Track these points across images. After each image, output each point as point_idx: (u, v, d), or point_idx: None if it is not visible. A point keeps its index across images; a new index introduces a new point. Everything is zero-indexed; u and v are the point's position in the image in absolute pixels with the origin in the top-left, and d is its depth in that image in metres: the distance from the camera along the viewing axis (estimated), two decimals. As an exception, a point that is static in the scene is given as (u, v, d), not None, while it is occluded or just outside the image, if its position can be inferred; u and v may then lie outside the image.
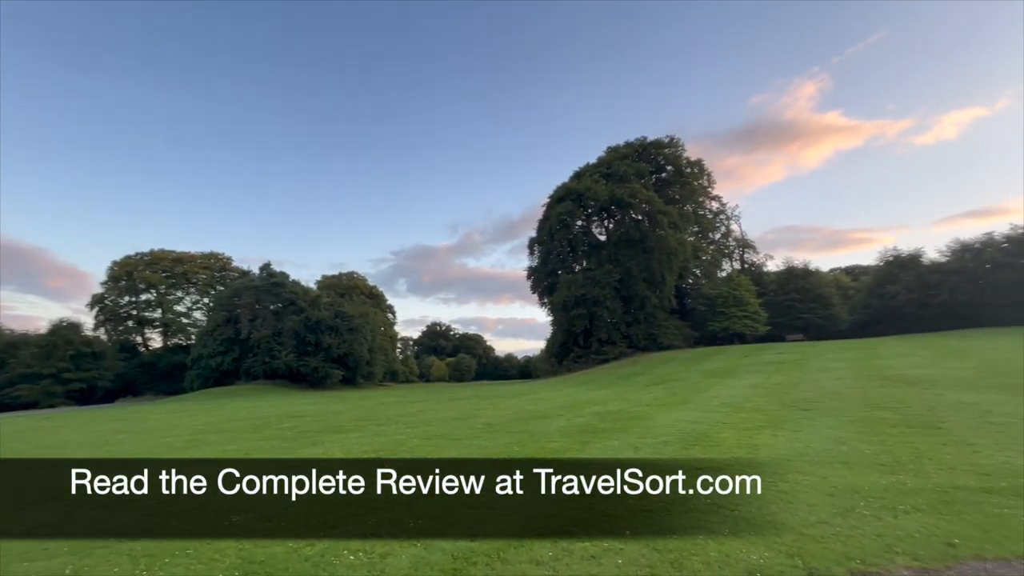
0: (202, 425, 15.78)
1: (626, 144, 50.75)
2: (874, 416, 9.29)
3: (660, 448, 8.11)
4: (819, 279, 50.89)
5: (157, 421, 18.35)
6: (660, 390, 18.41)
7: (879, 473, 5.68)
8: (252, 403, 27.98)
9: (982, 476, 5.27)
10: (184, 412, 22.57)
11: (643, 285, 42.83)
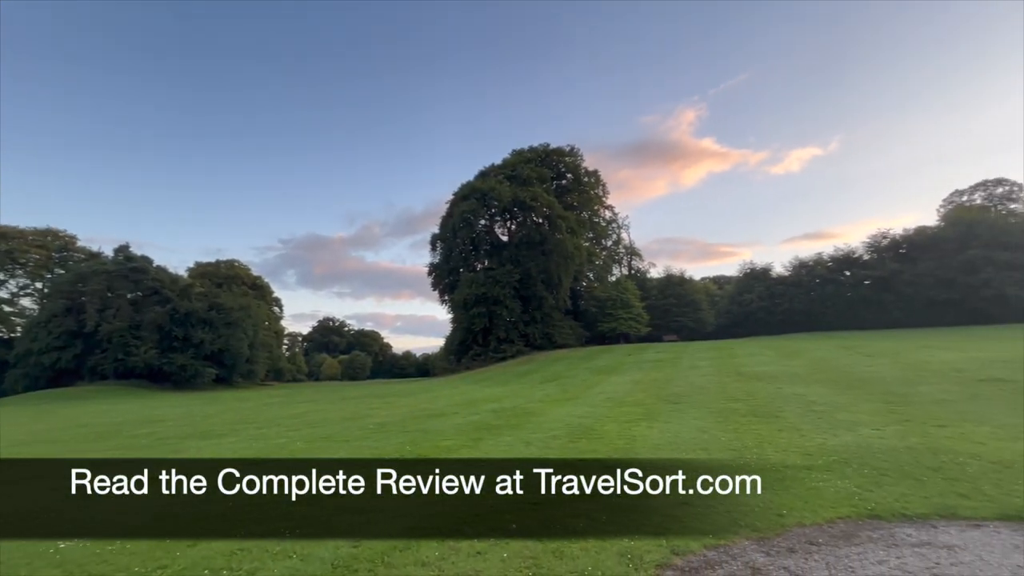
0: (26, 435, 13.18)
1: (530, 149, 52.28)
2: (730, 407, 10.62)
3: (550, 442, 8.48)
4: (692, 286, 56.98)
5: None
6: (553, 387, 19.26)
7: (730, 456, 6.50)
8: (99, 407, 24.00)
9: (806, 456, 6.29)
10: (2, 418, 18.63)
11: (541, 286, 44.46)
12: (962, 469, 5.27)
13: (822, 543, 3.63)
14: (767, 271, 52.91)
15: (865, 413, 8.84)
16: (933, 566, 3.20)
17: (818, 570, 3.16)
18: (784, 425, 8.45)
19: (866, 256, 46.84)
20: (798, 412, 9.46)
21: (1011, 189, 50.29)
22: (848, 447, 6.58)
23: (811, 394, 11.23)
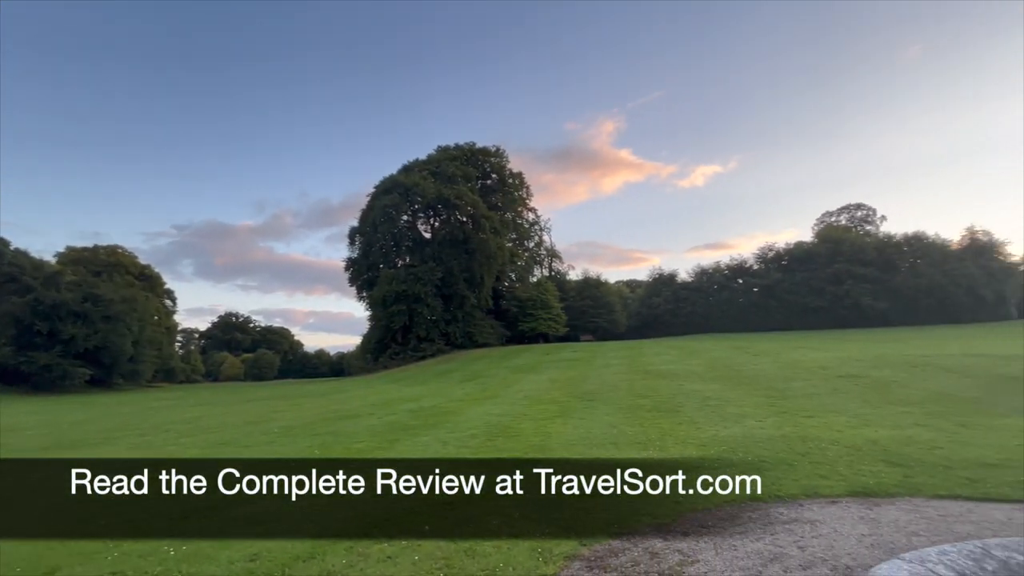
0: None
1: (456, 147, 51.94)
2: (637, 404, 11.33)
3: (467, 441, 8.50)
4: (607, 289, 59.94)
5: None
6: (472, 386, 19.30)
7: (636, 450, 6.95)
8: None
9: (701, 447, 6.89)
10: None
11: (464, 285, 44.34)
12: (823, 454, 6.08)
13: (711, 525, 4.00)
14: (673, 277, 57.17)
15: (750, 406, 9.87)
16: (799, 539, 3.66)
17: (707, 551, 3.48)
18: (683, 419, 9.19)
19: (755, 266, 52.37)
20: (695, 407, 10.33)
21: (868, 213, 58.91)
22: (736, 438, 7.30)
23: (707, 390, 12.31)
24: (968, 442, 6.24)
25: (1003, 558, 2.93)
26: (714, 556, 3.36)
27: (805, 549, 3.45)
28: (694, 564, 3.24)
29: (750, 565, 3.19)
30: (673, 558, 3.35)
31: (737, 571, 3.11)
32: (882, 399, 9.66)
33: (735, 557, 3.33)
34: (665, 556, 3.38)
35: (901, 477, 5.04)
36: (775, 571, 3.11)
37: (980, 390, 9.70)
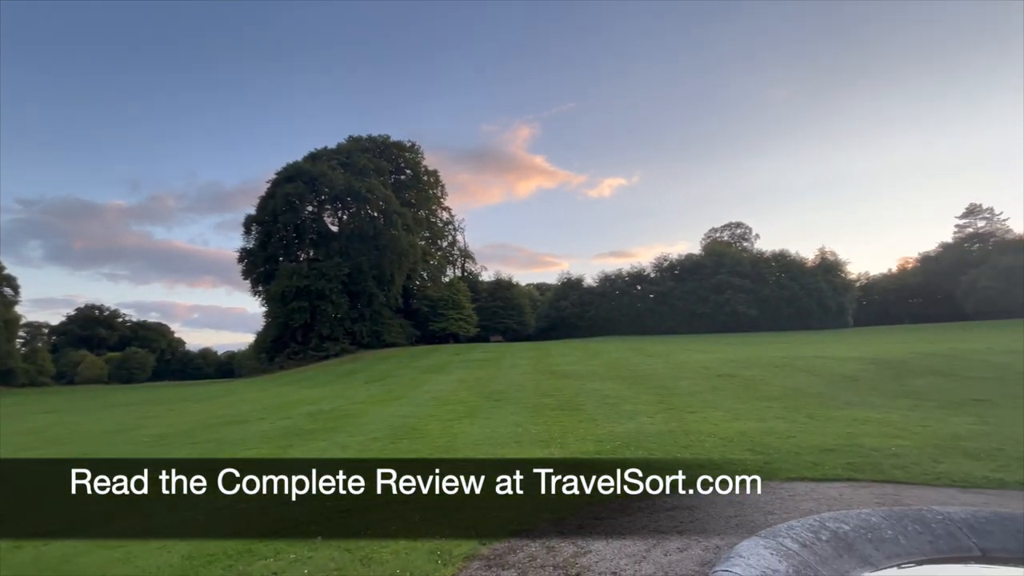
0: None
1: (369, 138, 49.95)
2: (542, 403, 11.71)
3: (369, 444, 8.21)
4: (518, 291, 61.30)
5: None
6: (378, 387, 18.64)
7: (539, 448, 7.19)
8: None
9: (599, 443, 7.30)
10: None
11: (372, 282, 42.72)
12: (702, 445, 6.76)
13: (604, 517, 4.26)
14: (580, 282, 59.99)
15: (643, 404, 10.66)
16: (678, 524, 4.03)
17: (599, 541, 3.70)
18: (584, 417, 9.67)
19: (652, 274, 56.74)
20: (595, 405, 10.93)
21: (746, 231, 66.63)
22: (630, 433, 7.85)
23: (606, 389, 13.08)
24: (814, 431, 7.30)
25: (834, 528, 3.47)
26: (605, 546, 3.58)
27: (683, 533, 3.81)
28: (587, 554, 3.43)
29: (636, 551, 3.44)
30: (568, 550, 3.51)
31: (624, 557, 3.35)
32: (751, 395, 10.97)
33: (623, 545, 3.58)
34: (561, 549, 3.54)
35: (761, 463, 5.75)
36: (657, 554, 3.40)
37: (824, 386, 11.42)
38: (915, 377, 11.61)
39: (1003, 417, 7.60)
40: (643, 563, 3.25)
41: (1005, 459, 5.42)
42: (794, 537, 3.33)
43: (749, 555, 3.01)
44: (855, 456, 5.84)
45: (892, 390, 10.59)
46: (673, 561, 3.27)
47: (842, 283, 53.92)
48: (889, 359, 14.29)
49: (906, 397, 9.82)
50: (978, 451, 5.77)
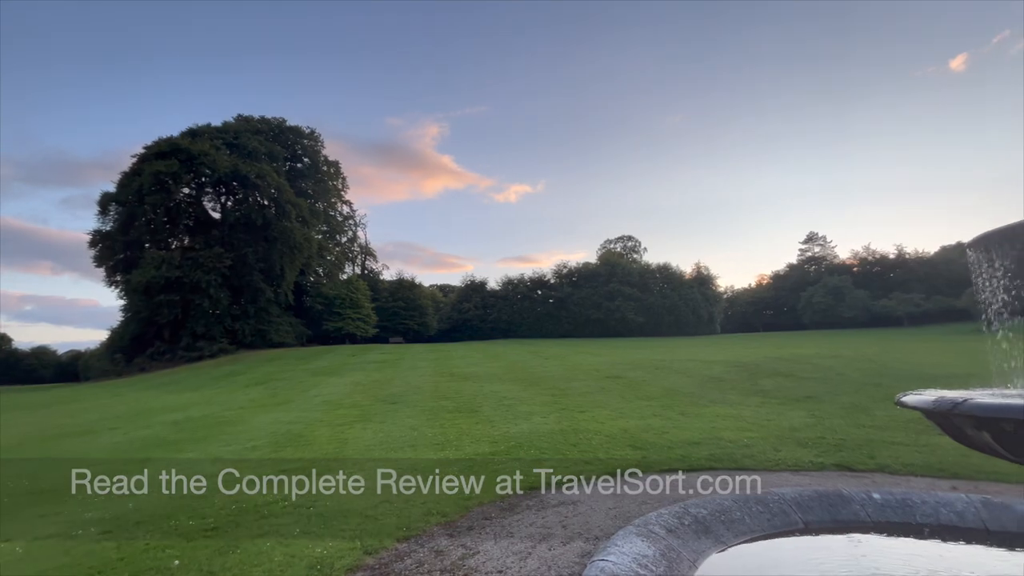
0: None
1: (262, 119, 45.85)
2: (440, 405, 11.61)
3: (247, 454, 7.52)
4: (421, 292, 60.20)
5: None
6: (261, 390, 17.11)
7: (434, 451, 7.12)
8: None
9: (493, 444, 7.43)
10: None
11: (259, 276, 39.18)
12: (589, 443, 7.19)
13: (494, 516, 4.34)
14: (484, 285, 60.57)
15: (538, 404, 11.06)
16: (564, 519, 4.25)
17: (487, 541, 3.77)
18: (481, 418, 9.77)
19: (552, 280, 59.17)
20: (493, 406, 11.10)
21: (636, 244, 72.40)
22: (524, 433, 8.09)
23: (504, 391, 13.35)
24: (684, 427, 8.14)
25: (695, 514, 3.90)
26: (493, 545, 3.66)
27: (567, 527, 4.02)
28: (475, 556, 3.47)
29: (523, 548, 3.57)
30: (457, 553, 3.53)
31: (511, 556, 3.45)
32: (634, 395, 11.92)
33: (511, 543, 3.68)
34: (449, 552, 3.55)
35: (640, 458, 6.28)
36: (542, 550, 3.55)
37: (695, 387, 12.79)
38: (764, 378, 13.48)
39: (826, 411, 9.13)
40: (528, 559, 3.38)
41: (826, 446, 6.51)
42: (662, 524, 3.69)
43: (623, 543, 3.28)
44: (716, 448, 6.61)
45: (746, 389, 12.18)
46: (556, 555, 3.44)
47: (713, 295, 60.90)
48: (745, 362, 16.42)
49: (757, 395, 11.35)
50: (807, 440, 6.86)
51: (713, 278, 61.99)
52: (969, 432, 2.13)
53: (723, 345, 32.74)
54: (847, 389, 11.53)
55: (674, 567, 3.17)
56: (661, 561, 3.13)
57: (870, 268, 66.34)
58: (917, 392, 2.45)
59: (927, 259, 61.39)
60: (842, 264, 68.86)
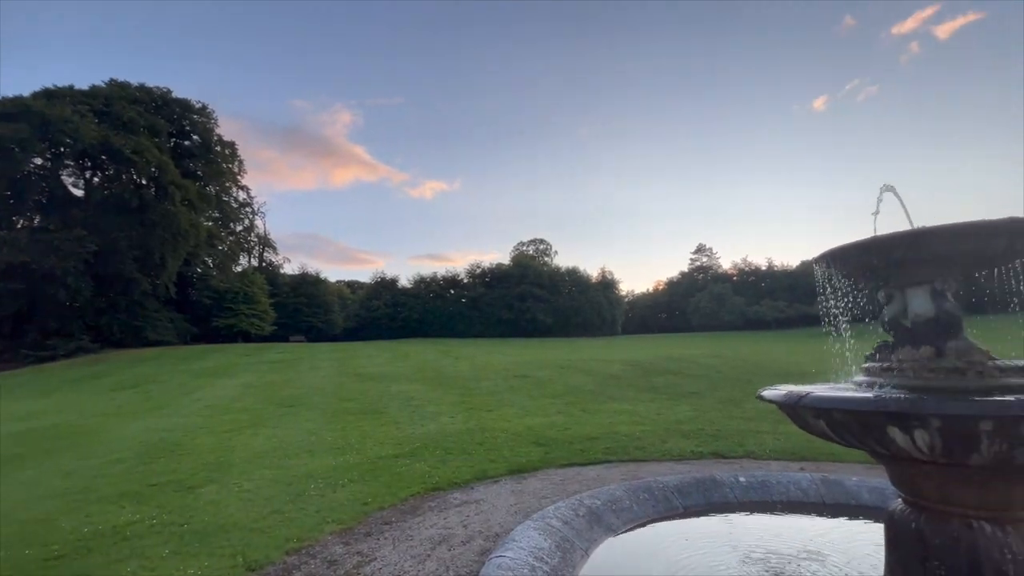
0: None
1: (141, 87, 40.40)
2: (343, 407, 11.08)
3: (109, 468, 6.59)
4: (326, 287, 56.94)
5: None
6: (131, 395, 15.07)
7: (333, 456, 6.77)
8: None
9: (398, 445, 7.24)
10: None
11: (133, 265, 34.49)
12: (495, 441, 7.29)
13: (394, 521, 4.24)
14: (395, 282, 58.81)
15: (446, 404, 10.99)
16: (465, 519, 4.26)
17: (386, 546, 3.66)
18: (386, 420, 9.48)
19: (466, 280, 59.14)
20: (399, 407, 10.83)
21: (547, 247, 74.86)
22: (430, 434, 7.99)
23: (411, 391, 13.07)
24: (585, 423, 8.57)
25: (589, 505, 4.13)
26: (392, 550, 3.57)
27: (468, 526, 4.04)
28: (371, 562, 3.36)
29: (421, 551, 3.52)
30: (352, 561, 3.39)
31: (409, 559, 3.39)
32: (540, 393, 12.30)
33: (410, 546, 3.62)
34: (343, 561, 3.40)
35: (543, 454, 6.50)
36: (442, 551, 3.53)
37: (596, 384, 13.52)
38: (656, 376, 14.64)
39: (706, 405, 10.14)
40: (427, 562, 3.35)
41: (705, 437, 7.22)
42: (559, 517, 3.85)
43: (521, 538, 3.38)
44: (612, 442, 7.04)
45: (641, 386, 13.13)
46: (456, 555, 3.45)
47: (616, 298, 64.82)
48: (641, 361, 17.71)
49: (650, 391, 12.29)
50: (689, 432, 7.55)
51: (616, 282, 65.99)
52: (810, 421, 2.47)
53: (622, 346, 34.96)
54: (725, 385, 12.90)
55: (568, 557, 3.32)
56: (556, 552, 3.27)
57: (747, 278, 74.99)
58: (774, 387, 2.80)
59: (790, 271, 70.81)
60: (725, 273, 77.17)
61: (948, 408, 1.90)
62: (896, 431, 2.04)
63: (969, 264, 2.39)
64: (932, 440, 1.96)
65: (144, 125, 36.78)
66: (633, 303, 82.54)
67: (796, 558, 3.17)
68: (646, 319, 79.96)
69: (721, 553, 3.30)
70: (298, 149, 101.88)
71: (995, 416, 1.80)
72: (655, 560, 3.30)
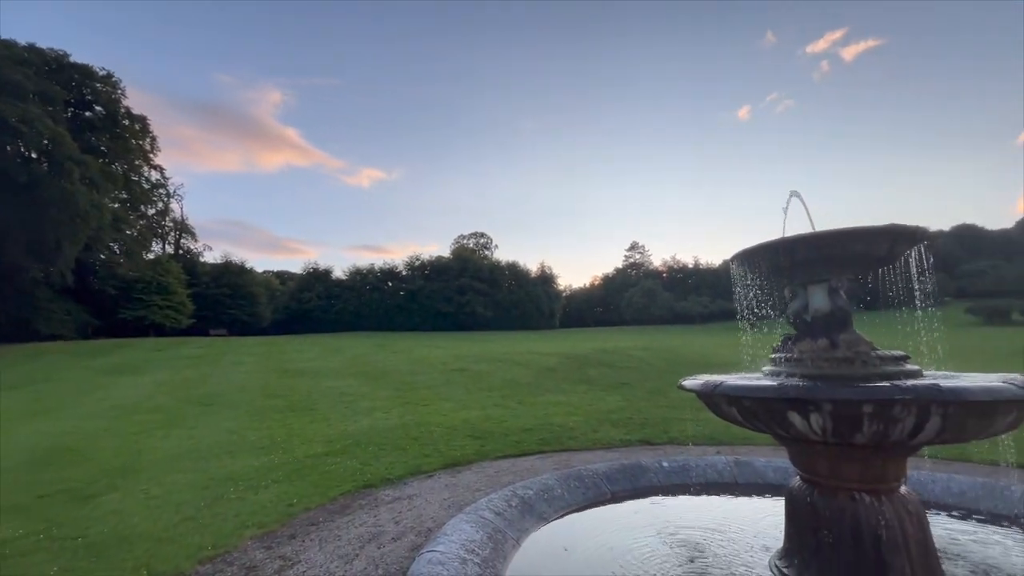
0: None
1: (32, 47, 35.61)
2: (269, 405, 10.49)
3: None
4: (252, 278, 53.49)
5: None
6: (18, 395, 13.36)
7: (256, 456, 6.40)
8: None
9: (328, 443, 6.97)
10: None
11: (20, 249, 30.52)
12: (430, 435, 7.21)
13: (321, 521, 4.08)
14: (329, 273, 56.41)
15: (380, 400, 10.71)
16: (397, 515, 4.19)
17: (312, 548, 3.52)
18: (316, 417, 9.09)
19: (404, 272, 57.88)
20: (330, 404, 10.42)
21: (488, 240, 74.94)
22: (363, 430, 7.76)
23: (344, 386, 12.62)
24: (521, 415, 8.70)
25: (522, 495, 4.20)
26: (318, 552, 3.43)
27: (400, 523, 3.97)
28: (295, 566, 3.22)
29: (349, 551, 3.42)
30: (273, 566, 3.22)
31: (336, 560, 3.28)
32: (477, 387, 12.32)
33: (338, 547, 3.50)
34: (264, 566, 3.22)
35: (478, 447, 6.51)
36: (371, 549, 3.44)
37: (532, 377, 13.75)
38: (591, 367, 15.15)
39: (636, 395, 10.64)
40: (355, 561, 3.25)
41: (633, 426, 7.57)
42: (492, 508, 3.88)
43: (453, 532, 3.37)
44: (546, 432, 7.20)
45: (576, 378, 13.53)
46: (386, 553, 3.38)
47: (554, 292, 66.21)
48: (577, 354, 18.23)
49: (584, 383, 12.69)
50: (619, 421, 7.89)
51: (555, 277, 67.42)
52: (724, 408, 2.66)
53: (559, 339, 35.80)
54: (653, 376, 13.59)
55: (500, 548, 3.36)
56: (488, 544, 3.30)
57: (675, 275, 79.36)
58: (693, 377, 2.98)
59: (713, 269, 75.81)
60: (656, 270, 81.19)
61: (838, 394, 2.11)
62: (795, 415, 2.24)
63: (859, 265, 2.66)
64: (824, 423, 2.17)
65: (34, 91, 32.48)
66: (571, 297, 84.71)
67: (711, 533, 3.41)
68: (583, 313, 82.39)
69: (645, 534, 3.48)
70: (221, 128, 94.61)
71: (874, 400, 2.03)
72: (583, 544, 3.42)
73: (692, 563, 3.03)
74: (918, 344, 3.16)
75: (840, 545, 2.38)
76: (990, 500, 3.79)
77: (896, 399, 1.98)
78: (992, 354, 17.30)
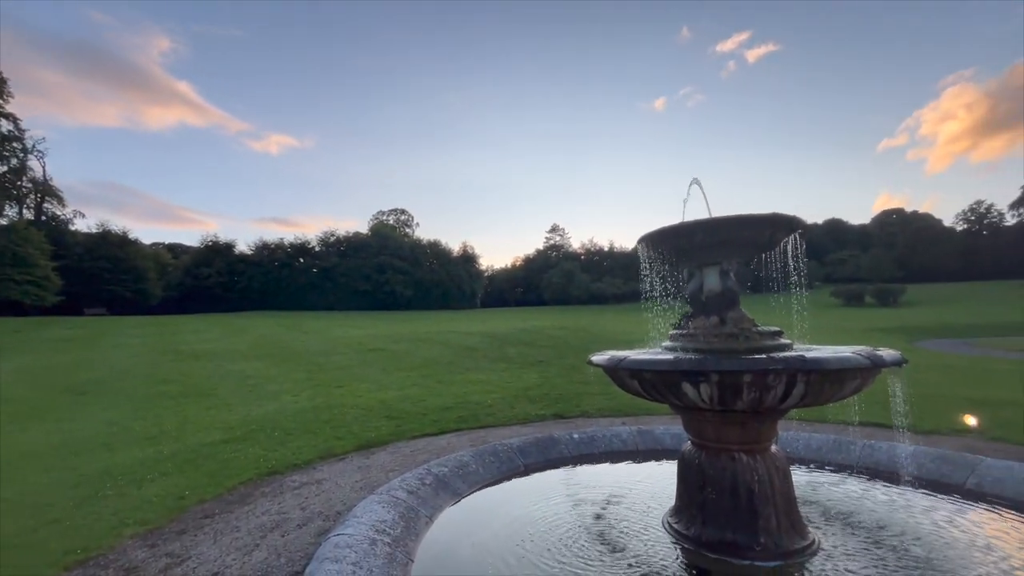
0: None
1: None
2: (159, 391, 9.49)
3: None
4: (137, 250, 47.49)
5: None
6: None
7: (141, 447, 5.78)
8: None
9: (227, 430, 6.46)
10: None
11: None
12: (343, 418, 6.96)
13: (217, 513, 3.79)
14: (231, 247, 51.69)
15: (290, 382, 10.12)
16: (303, 500, 4.00)
17: (205, 542, 3.26)
18: (215, 403, 8.39)
19: (318, 248, 54.63)
20: (232, 388, 9.66)
21: (409, 218, 72.99)
22: (268, 415, 7.29)
23: (248, 369, 11.75)
24: (440, 394, 8.66)
25: (436, 472, 4.20)
26: (212, 546, 3.19)
27: (306, 508, 3.80)
28: (184, 563, 2.97)
29: (249, 542, 3.21)
30: (158, 565, 2.94)
31: (233, 552, 3.07)
32: (395, 367, 12.06)
33: (235, 538, 3.28)
34: (146, 566, 2.93)
35: (394, 427, 6.40)
36: (274, 538, 3.27)
37: (453, 356, 13.74)
38: (510, 346, 15.45)
39: (552, 372, 11.04)
40: (255, 552, 3.07)
41: (549, 400, 7.86)
42: (405, 487, 3.84)
43: (363, 514, 3.29)
44: (464, 411, 7.25)
45: (495, 356, 13.74)
46: (290, 540, 3.22)
47: (476, 272, 66.28)
48: (497, 333, 18.49)
49: (503, 361, 12.92)
50: (536, 396, 8.15)
51: (477, 257, 67.40)
52: (627, 381, 2.82)
53: (480, 318, 36.05)
54: (569, 353, 14.18)
55: (412, 526, 3.34)
56: (399, 523, 3.27)
57: (592, 257, 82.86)
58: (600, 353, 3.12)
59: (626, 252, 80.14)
60: (574, 252, 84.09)
61: (723, 365, 2.33)
62: (688, 386, 2.44)
63: (747, 249, 2.93)
64: (712, 392, 2.38)
65: None
66: (492, 277, 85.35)
67: (615, 496, 3.65)
68: (504, 293, 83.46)
69: (554, 502, 3.65)
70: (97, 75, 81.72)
71: (752, 370, 2.25)
72: (496, 516, 3.51)
73: (597, 522, 3.24)
74: (791, 321, 3.57)
75: (720, 499, 2.66)
76: (837, 454, 4.45)
77: (770, 369, 2.22)
78: (848, 331, 20.19)
